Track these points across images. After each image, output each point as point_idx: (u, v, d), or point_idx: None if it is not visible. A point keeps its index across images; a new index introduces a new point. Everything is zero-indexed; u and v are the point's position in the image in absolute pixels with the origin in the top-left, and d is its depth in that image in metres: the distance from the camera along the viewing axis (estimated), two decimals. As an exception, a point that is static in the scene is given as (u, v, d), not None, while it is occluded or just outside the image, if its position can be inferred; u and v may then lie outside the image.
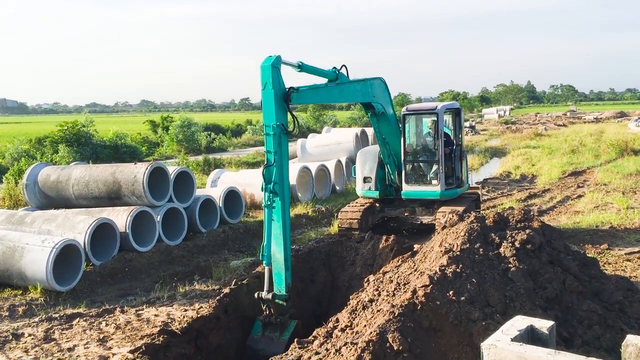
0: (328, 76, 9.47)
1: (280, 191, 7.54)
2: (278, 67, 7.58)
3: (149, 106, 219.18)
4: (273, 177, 7.51)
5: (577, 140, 32.64)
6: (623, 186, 17.18)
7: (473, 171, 23.01)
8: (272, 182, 7.50)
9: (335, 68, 9.68)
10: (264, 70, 7.49)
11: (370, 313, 5.73)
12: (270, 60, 7.49)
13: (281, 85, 7.62)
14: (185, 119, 37.03)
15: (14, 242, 9.98)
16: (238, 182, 16.42)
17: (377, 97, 10.93)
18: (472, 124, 53.00)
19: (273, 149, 7.54)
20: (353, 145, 21.30)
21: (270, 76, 7.45)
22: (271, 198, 7.52)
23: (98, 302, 9.34)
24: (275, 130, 7.52)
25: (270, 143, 7.56)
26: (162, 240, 12.10)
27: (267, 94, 7.55)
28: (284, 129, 7.61)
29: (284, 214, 7.58)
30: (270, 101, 7.53)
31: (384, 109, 11.30)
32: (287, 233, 7.61)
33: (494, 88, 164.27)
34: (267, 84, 7.50)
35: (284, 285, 7.50)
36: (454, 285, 5.41)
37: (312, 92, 8.74)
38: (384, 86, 11.25)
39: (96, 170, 12.89)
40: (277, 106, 7.52)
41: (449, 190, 12.08)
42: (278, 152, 7.55)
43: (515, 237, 6.20)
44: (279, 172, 7.55)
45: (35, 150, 27.92)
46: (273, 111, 7.52)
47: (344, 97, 10.08)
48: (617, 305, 5.95)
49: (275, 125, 7.51)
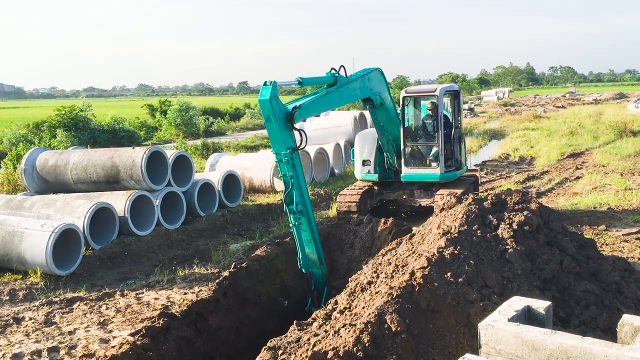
0: (327, 81, 9.44)
1: (303, 206, 7.91)
2: (276, 95, 7.57)
3: (147, 90, 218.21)
4: (295, 199, 7.82)
5: (575, 122, 32.61)
6: (621, 167, 17.19)
7: (472, 153, 22.99)
8: (294, 204, 7.83)
9: (334, 70, 9.59)
10: (263, 105, 7.46)
11: (368, 295, 5.76)
12: (268, 93, 7.41)
13: (282, 111, 7.66)
14: (183, 103, 36.86)
15: (13, 226, 9.99)
16: (236, 166, 16.40)
17: (375, 89, 10.88)
18: (471, 106, 52.87)
19: (288, 172, 7.77)
20: (352, 128, 21.29)
21: (271, 109, 7.44)
22: (297, 217, 7.93)
23: (98, 285, 9.39)
24: (287, 156, 7.69)
25: (284, 168, 7.78)
26: (161, 224, 12.12)
27: (271, 126, 7.62)
28: (295, 150, 7.79)
29: (310, 223, 8.01)
30: (276, 131, 7.62)
31: (382, 99, 11.25)
32: (316, 236, 8.16)
33: (493, 70, 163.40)
34: (269, 117, 7.53)
35: (322, 277, 8.46)
36: (452, 266, 5.43)
37: (313, 106, 8.75)
38: (380, 76, 11.19)
39: (94, 154, 12.87)
40: (282, 132, 7.64)
41: (448, 173, 12.08)
42: (294, 175, 7.79)
43: (512, 218, 6.22)
44: (298, 192, 7.84)
45: (33, 135, 27.83)
46: (280, 139, 7.64)
47: (344, 100, 10.06)
48: (614, 285, 5.99)
49: (285, 152, 7.68)
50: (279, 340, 5.50)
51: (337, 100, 9.67)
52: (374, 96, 10.93)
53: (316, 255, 8.25)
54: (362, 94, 10.60)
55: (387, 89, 11.49)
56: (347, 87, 9.89)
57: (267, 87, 7.48)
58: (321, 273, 8.44)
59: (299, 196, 7.84)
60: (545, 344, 3.42)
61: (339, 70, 9.54)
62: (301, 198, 7.88)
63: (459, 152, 12.45)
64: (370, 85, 10.70)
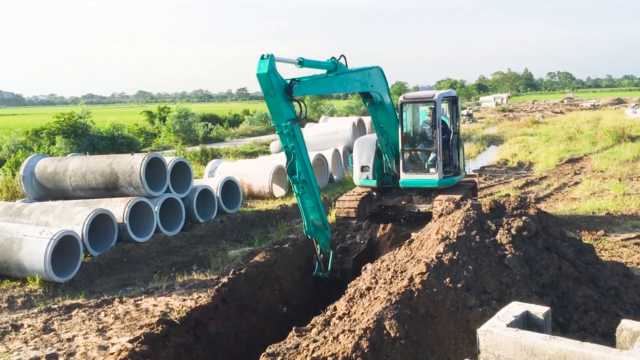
0: (327, 67, 9.50)
1: (306, 176, 8.10)
2: (274, 69, 7.60)
3: (146, 97, 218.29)
4: (297, 169, 8.02)
5: (574, 127, 32.66)
6: (620, 173, 17.22)
7: (470, 159, 23.02)
8: (297, 173, 8.03)
9: (334, 58, 9.67)
10: (261, 79, 7.50)
11: (367, 301, 5.76)
12: (266, 67, 7.44)
13: (281, 84, 7.72)
14: (182, 110, 36.88)
15: (12, 233, 9.98)
16: (235, 172, 16.41)
17: (375, 86, 10.92)
18: (470, 112, 52.93)
19: (290, 143, 7.91)
20: (350, 134, 21.29)
21: (269, 82, 7.50)
22: (300, 187, 8.13)
23: (97, 292, 9.37)
24: (288, 127, 7.82)
25: (286, 139, 7.91)
26: (160, 231, 12.12)
27: (271, 99, 7.71)
28: (295, 121, 7.94)
29: (314, 191, 8.24)
30: (276, 104, 7.70)
31: (382, 98, 11.28)
32: (319, 202, 8.38)
33: (491, 76, 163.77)
34: (268, 91, 7.59)
35: (327, 241, 8.73)
36: (451, 272, 5.43)
37: (312, 83, 8.85)
38: (381, 74, 11.23)
39: (93, 161, 12.87)
40: (282, 105, 7.73)
41: (446, 179, 12.10)
42: (295, 145, 7.94)
43: (511, 224, 6.22)
44: (300, 162, 8.02)
45: (32, 142, 27.84)
46: (280, 111, 7.74)
47: (343, 87, 10.15)
48: (612, 290, 5.98)
49: (286, 124, 7.79)
50: (278, 346, 5.49)
51: (336, 86, 9.78)
52: (373, 93, 10.98)
53: (320, 221, 8.50)
54: (362, 88, 10.66)
55: (386, 89, 11.52)
56: (347, 76, 9.98)
57: (265, 61, 7.50)
58: (326, 238, 8.69)
59: (301, 166, 8.03)
60: (544, 349, 3.42)
61: (339, 59, 9.67)
62: (303, 168, 8.06)
63: (458, 158, 12.47)
64: (370, 81, 10.77)
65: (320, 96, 58.28)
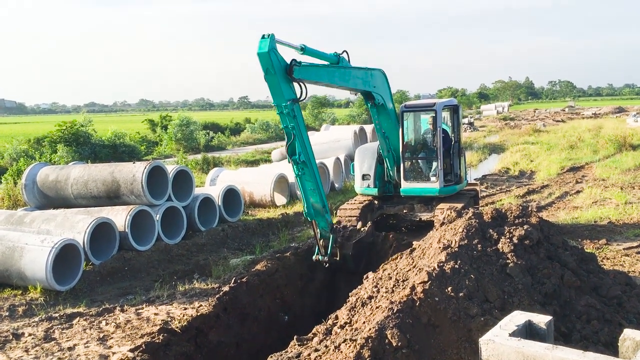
0: (329, 60, 9.67)
1: (306, 157, 8.19)
2: (274, 48, 7.73)
3: (148, 105, 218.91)
4: (297, 149, 8.12)
5: (575, 136, 32.66)
6: (621, 181, 17.20)
7: (471, 167, 23.02)
8: (297, 154, 8.14)
9: (337, 53, 9.82)
10: (262, 57, 7.64)
11: (369, 310, 5.74)
12: (266, 46, 7.59)
13: (282, 64, 7.86)
14: (184, 118, 36.99)
15: (13, 242, 9.99)
16: (237, 180, 16.42)
17: (377, 87, 10.98)
18: (471, 120, 52.99)
19: (290, 124, 8.05)
20: (352, 143, 21.31)
21: (270, 62, 7.62)
22: (300, 167, 8.22)
23: (98, 301, 9.36)
24: (288, 107, 7.95)
25: (286, 120, 8.05)
26: (162, 239, 12.11)
27: (271, 78, 7.83)
28: (295, 101, 8.07)
29: (314, 173, 8.31)
30: (276, 83, 7.83)
31: (384, 101, 11.30)
32: (320, 185, 8.45)
33: (492, 84, 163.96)
34: (268, 69, 7.73)
35: (327, 225, 8.76)
36: (453, 281, 5.42)
37: (314, 69, 9.02)
38: (384, 78, 11.25)
39: (95, 169, 12.89)
40: (282, 85, 7.87)
41: (447, 187, 12.09)
42: (295, 126, 8.06)
43: (513, 233, 6.21)
44: (300, 142, 8.12)
45: (34, 150, 27.89)
46: (280, 91, 7.87)
47: (345, 81, 10.18)
48: (615, 300, 5.96)
49: (286, 104, 7.93)
50: (279, 355, 5.47)
51: (338, 78, 9.86)
52: (375, 94, 11.02)
53: (321, 205, 8.55)
54: (364, 86, 10.74)
55: (389, 94, 11.54)
56: (350, 71, 10.10)
57: (265, 40, 7.64)
58: (326, 222, 8.72)
59: (301, 147, 8.11)
60: (546, 359, 3.41)
61: (342, 54, 9.82)
62: (303, 149, 8.15)
63: (459, 167, 12.47)
64: (373, 82, 10.83)
65: (321, 104, 58.45)
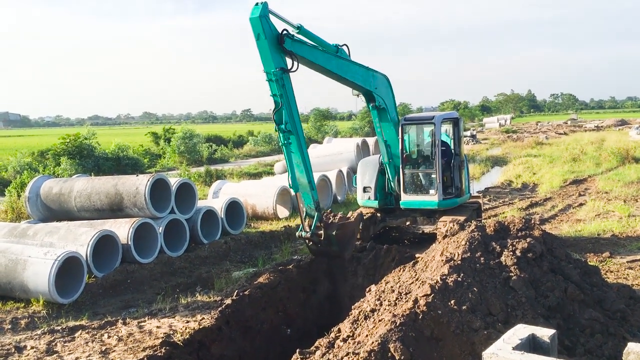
0: (328, 48, 9.78)
1: (293, 127, 8.34)
2: (266, 15, 7.97)
3: (151, 118, 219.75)
4: (284, 118, 8.27)
5: (578, 148, 32.66)
6: (624, 194, 17.17)
7: (474, 180, 23.01)
8: (283, 123, 8.29)
9: (337, 44, 9.95)
10: (253, 22, 7.88)
11: (372, 323, 5.73)
12: (258, 12, 7.87)
13: (273, 32, 8.07)
14: (187, 131, 37.12)
15: (16, 254, 10.00)
16: (240, 193, 16.44)
17: (379, 89, 11.02)
18: (473, 133, 53.05)
19: (278, 92, 8.21)
20: (354, 155, 21.35)
21: (260, 27, 7.88)
22: (286, 136, 8.38)
23: (100, 314, 9.34)
24: (276, 74, 8.14)
25: (274, 87, 8.22)
26: (164, 252, 12.11)
27: (262, 44, 8.06)
28: (285, 71, 8.24)
29: (301, 145, 8.43)
30: (266, 49, 8.08)
31: (386, 106, 11.33)
32: (306, 160, 8.53)
33: (494, 97, 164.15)
34: (259, 35, 7.95)
35: (312, 202, 8.82)
36: (456, 294, 5.41)
37: (308, 47, 9.25)
38: (387, 83, 11.28)
39: (98, 182, 12.93)
40: (272, 52, 8.09)
41: (447, 200, 12.05)
42: (283, 94, 8.24)
43: (516, 245, 6.21)
44: (287, 111, 8.28)
45: (38, 163, 28.00)
46: (270, 57, 8.10)
47: (343, 71, 10.22)
48: (619, 313, 5.94)
49: (274, 71, 8.12)
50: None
51: (334, 66, 9.95)
52: (377, 96, 11.04)
53: (306, 180, 8.60)
54: (364, 83, 10.79)
55: (392, 100, 11.56)
56: (348, 64, 10.22)
57: (258, 7, 7.93)
58: (312, 199, 8.75)
59: (288, 116, 8.28)
60: (550, 372, 3.39)
61: (342, 46, 9.96)
62: (291, 119, 8.31)
63: (460, 179, 12.44)
64: (374, 83, 10.88)
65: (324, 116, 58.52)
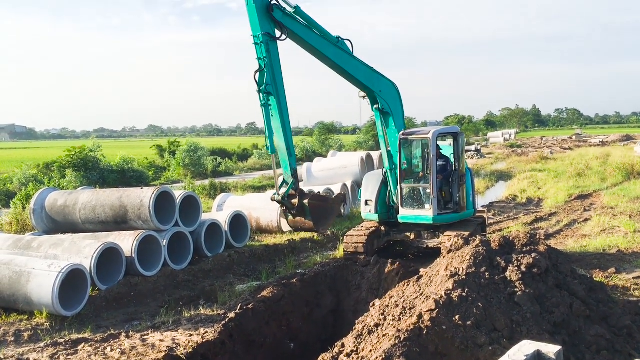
0: (328, 37, 10.12)
1: (274, 91, 8.80)
2: None
3: (157, 131, 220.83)
4: (265, 80, 8.72)
5: (583, 163, 32.59)
6: (630, 210, 17.08)
7: (479, 194, 22.97)
8: (264, 84, 8.73)
9: (339, 36, 10.21)
10: None
11: (376, 338, 5.70)
12: None
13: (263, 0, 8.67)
14: (192, 144, 37.28)
15: (20, 267, 10.01)
16: (244, 206, 16.45)
17: (383, 91, 11.10)
18: (478, 147, 53.07)
19: (262, 55, 8.73)
20: (359, 169, 21.36)
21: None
22: (265, 97, 8.78)
23: (103, 327, 9.33)
24: (262, 38, 8.73)
25: (259, 50, 8.75)
26: (168, 265, 12.10)
27: (250, 8, 8.66)
28: (271, 37, 8.84)
29: (281, 109, 8.82)
30: (254, 13, 8.67)
31: (391, 111, 11.37)
32: (286, 125, 8.91)
33: (499, 112, 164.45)
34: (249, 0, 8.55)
35: (289, 169, 9.09)
36: (460, 309, 5.38)
37: (302, 27, 9.63)
38: (394, 91, 11.34)
39: (103, 194, 12.97)
40: (260, 17, 8.71)
41: (443, 215, 11.97)
42: (267, 57, 8.74)
43: (521, 261, 6.18)
44: (270, 74, 8.77)
45: (43, 175, 28.09)
46: (257, 21, 8.71)
47: (342, 62, 10.54)
48: (625, 330, 5.90)
49: (260, 35, 8.71)
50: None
51: (332, 54, 10.37)
52: (380, 99, 11.09)
53: (285, 145, 8.88)
54: (367, 82, 11.02)
55: (399, 108, 11.60)
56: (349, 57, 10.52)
57: None
58: (289, 166, 9.05)
59: (269, 78, 8.74)
60: (555, 389, 3.37)
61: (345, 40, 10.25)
62: (272, 82, 8.77)
63: (460, 195, 12.31)
64: (379, 86, 10.95)
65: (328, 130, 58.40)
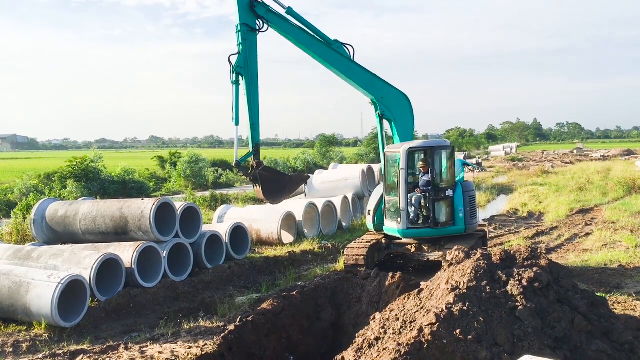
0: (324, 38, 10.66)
1: (245, 73, 10.39)
2: None
3: (158, 142, 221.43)
4: (236, 62, 10.40)
5: (584, 177, 32.59)
6: (631, 224, 17.05)
7: (480, 208, 22.94)
8: (237, 66, 10.40)
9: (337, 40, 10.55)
10: None
11: (376, 351, 5.67)
12: None
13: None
14: (193, 155, 37.30)
15: (20, 277, 9.99)
16: (244, 217, 16.43)
17: (385, 99, 11.23)
18: (479, 161, 53.09)
19: (240, 40, 10.49)
20: (360, 182, 21.35)
21: None
22: (237, 76, 10.48)
23: (102, 338, 9.28)
24: (240, 28, 10.48)
25: (238, 37, 10.54)
26: (168, 276, 12.06)
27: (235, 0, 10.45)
28: (250, 28, 10.47)
29: (249, 89, 10.44)
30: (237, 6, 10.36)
31: (395, 120, 11.54)
32: (252, 104, 10.50)
33: (500, 125, 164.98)
34: None
35: (254, 144, 10.92)
36: (461, 323, 5.36)
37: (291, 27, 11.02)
38: (404, 102, 11.51)
39: (104, 205, 12.96)
40: (241, 10, 10.37)
41: (413, 230, 12.02)
42: (243, 44, 10.49)
43: (522, 275, 6.16)
44: (243, 58, 10.41)
45: (44, 186, 28.10)
46: (238, 13, 10.38)
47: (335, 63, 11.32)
48: (626, 345, 5.86)
49: (239, 25, 10.46)
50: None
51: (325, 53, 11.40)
52: (381, 106, 11.25)
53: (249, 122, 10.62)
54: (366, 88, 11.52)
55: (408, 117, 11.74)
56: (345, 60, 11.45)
57: None
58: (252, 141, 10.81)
59: (243, 61, 10.37)
60: (557, 405, 3.34)
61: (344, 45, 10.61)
62: (245, 64, 10.34)
63: (444, 210, 12.07)
64: (381, 93, 11.14)
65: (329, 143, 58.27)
